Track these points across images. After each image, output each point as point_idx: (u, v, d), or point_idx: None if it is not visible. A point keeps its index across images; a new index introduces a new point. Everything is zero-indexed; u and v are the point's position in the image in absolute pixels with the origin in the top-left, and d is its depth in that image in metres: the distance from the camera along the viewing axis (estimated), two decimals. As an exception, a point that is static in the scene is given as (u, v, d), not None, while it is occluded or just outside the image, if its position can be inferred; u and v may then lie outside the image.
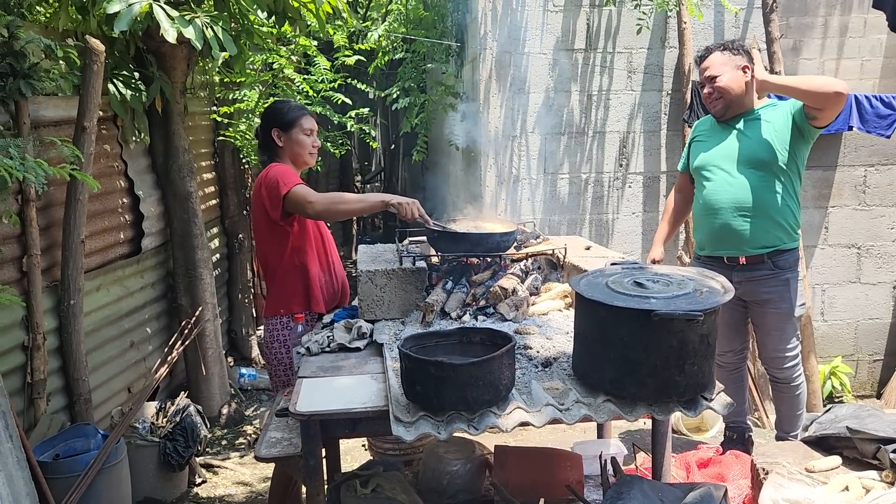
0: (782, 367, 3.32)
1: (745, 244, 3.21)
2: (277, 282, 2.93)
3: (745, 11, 4.90)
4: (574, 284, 2.12)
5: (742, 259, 3.23)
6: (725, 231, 3.23)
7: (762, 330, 3.35)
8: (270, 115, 3.00)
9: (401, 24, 6.29)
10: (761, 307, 3.29)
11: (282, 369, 2.93)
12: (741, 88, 3.20)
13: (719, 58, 3.21)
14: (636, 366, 1.93)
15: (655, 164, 5.04)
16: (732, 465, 3.06)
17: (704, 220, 3.33)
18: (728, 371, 3.51)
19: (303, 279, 2.92)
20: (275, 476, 3.06)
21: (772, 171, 3.16)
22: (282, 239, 2.87)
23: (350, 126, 5.95)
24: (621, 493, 2.01)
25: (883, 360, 5.31)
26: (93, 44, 3.37)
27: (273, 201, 2.78)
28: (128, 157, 4.29)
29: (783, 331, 3.30)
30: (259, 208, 2.87)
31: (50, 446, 3.17)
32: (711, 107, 3.29)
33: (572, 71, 4.91)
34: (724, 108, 3.24)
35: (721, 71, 3.19)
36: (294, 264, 2.90)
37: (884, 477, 2.31)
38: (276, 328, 2.92)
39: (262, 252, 2.99)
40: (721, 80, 3.19)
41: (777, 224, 3.19)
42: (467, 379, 1.88)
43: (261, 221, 2.91)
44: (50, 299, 3.50)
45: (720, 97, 3.22)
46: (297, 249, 2.90)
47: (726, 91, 3.19)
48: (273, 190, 2.77)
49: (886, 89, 4.97)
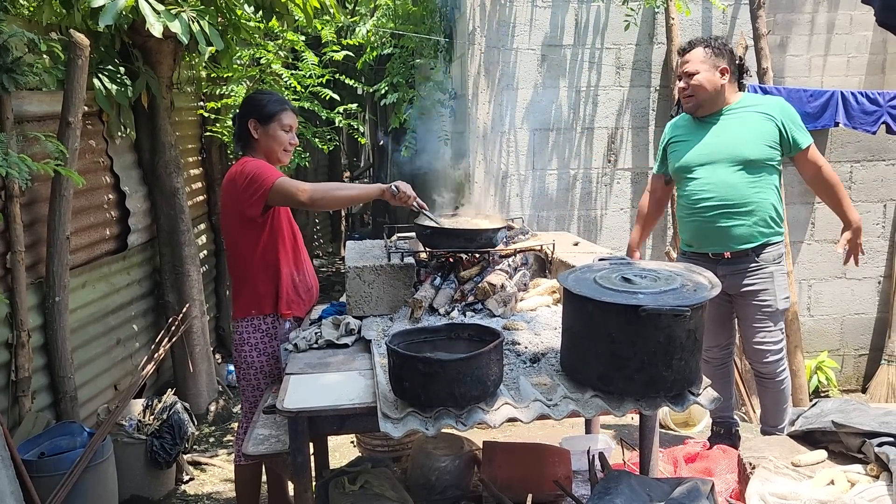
0: (765, 360, 3.32)
1: (729, 241, 3.22)
2: (249, 281, 2.80)
3: (732, 7, 4.92)
4: (562, 280, 2.12)
5: (727, 254, 3.25)
6: (710, 229, 3.24)
7: (746, 323, 3.37)
8: (249, 105, 2.85)
9: (389, 20, 6.26)
10: (745, 300, 3.30)
11: (252, 373, 2.83)
12: (714, 89, 3.20)
13: (700, 55, 3.21)
14: (624, 361, 1.94)
15: (644, 159, 5.06)
16: (719, 460, 3.07)
17: (688, 218, 3.33)
18: (714, 366, 3.52)
19: (274, 280, 2.80)
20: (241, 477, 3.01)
21: (753, 167, 3.17)
22: (255, 237, 2.75)
23: (338, 122, 5.93)
24: (609, 488, 2.01)
25: (868, 354, 5.36)
26: (77, 38, 3.34)
27: (253, 196, 2.64)
28: (114, 152, 4.25)
29: (766, 324, 3.30)
30: (231, 204, 2.73)
31: (35, 444, 3.14)
32: (684, 102, 3.32)
33: (561, 67, 4.91)
34: (695, 106, 3.26)
35: (699, 69, 3.19)
36: (266, 264, 2.78)
37: (868, 470, 2.33)
38: (246, 330, 2.81)
39: (234, 250, 2.83)
40: (696, 78, 3.19)
41: (761, 219, 3.20)
42: (455, 375, 1.88)
43: (232, 218, 2.76)
44: (35, 296, 3.47)
45: (692, 94, 3.23)
46: (269, 248, 2.78)
47: (699, 89, 3.20)
48: (253, 183, 2.63)
49: (872, 86, 5.01)
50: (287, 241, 2.86)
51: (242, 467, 2.96)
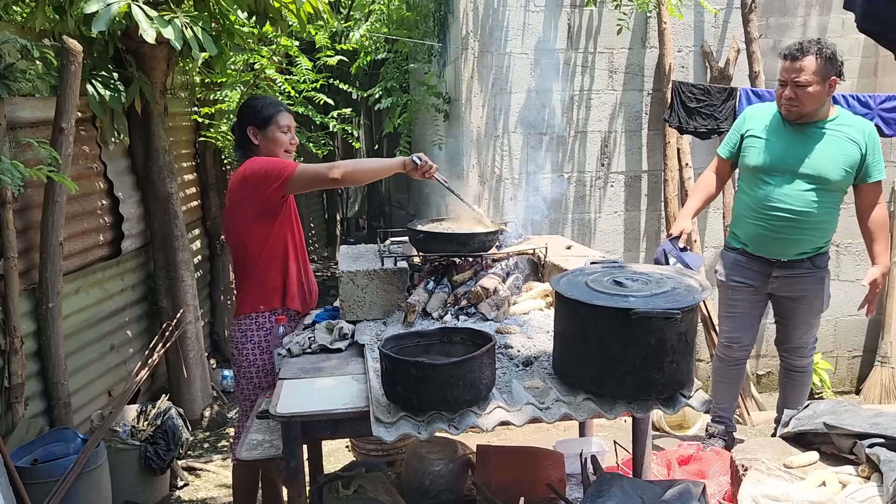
0: (803, 356, 3.49)
1: (790, 248, 3.30)
2: (258, 276, 2.81)
3: (724, 12, 4.94)
4: (554, 283, 2.13)
5: (784, 259, 3.33)
6: (774, 237, 3.30)
7: (790, 323, 3.47)
8: (246, 112, 2.89)
9: (383, 24, 6.27)
10: (794, 302, 3.40)
11: (253, 371, 2.83)
12: (821, 101, 3.18)
13: (814, 65, 3.11)
14: (616, 364, 1.95)
15: (637, 163, 5.07)
16: (713, 462, 3.08)
17: (752, 220, 3.36)
18: (729, 365, 3.58)
19: (283, 273, 2.84)
20: (239, 479, 3.02)
21: (829, 187, 3.22)
22: (266, 231, 2.78)
23: (332, 126, 5.93)
24: (601, 491, 2.02)
25: (862, 356, 5.37)
26: (70, 44, 3.34)
27: (273, 184, 2.66)
28: (107, 158, 4.25)
29: (810, 325, 3.45)
30: (242, 200, 2.75)
31: (28, 451, 3.13)
32: (785, 108, 3.24)
33: (553, 71, 4.93)
34: (798, 115, 3.22)
35: (811, 80, 3.11)
36: (275, 256, 2.81)
37: (860, 472, 2.34)
38: (250, 328, 2.81)
39: (241, 247, 2.84)
40: (808, 91, 3.12)
41: (822, 232, 3.29)
42: (447, 379, 1.88)
43: (243, 215, 2.77)
44: (28, 302, 3.46)
45: (798, 105, 3.18)
46: (278, 242, 2.82)
47: (809, 101, 3.15)
48: (271, 173, 2.67)
49: (864, 88, 5.03)
50: (296, 237, 2.92)
51: (240, 470, 2.97)
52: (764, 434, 4.20)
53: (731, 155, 3.52)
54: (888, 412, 2.57)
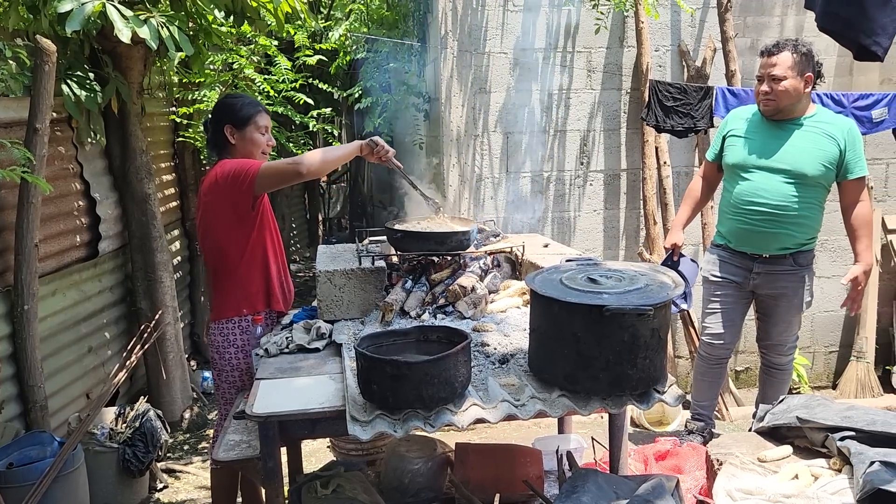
0: (782, 354, 3.52)
1: (771, 244, 3.32)
2: (240, 279, 2.77)
3: (700, 11, 4.99)
4: (529, 281, 2.15)
5: (765, 255, 3.35)
6: (754, 232, 3.33)
7: (770, 320, 3.49)
8: (223, 110, 2.83)
9: (363, 24, 6.26)
10: (775, 300, 3.43)
11: (237, 375, 2.80)
12: (798, 96, 3.22)
13: (789, 60, 3.17)
14: (590, 360, 1.96)
15: (616, 161, 5.11)
16: (689, 457, 3.11)
17: (733, 216, 3.39)
18: (711, 364, 3.60)
19: (265, 276, 2.82)
20: (218, 481, 3.00)
21: (807, 183, 3.24)
22: (244, 234, 2.74)
23: (313, 126, 5.92)
24: (576, 487, 2.03)
25: (838, 351, 5.45)
26: (44, 44, 3.30)
27: (241, 188, 2.63)
28: (83, 158, 4.22)
29: (790, 323, 3.47)
30: (215, 203, 2.71)
31: (3, 455, 3.10)
32: (762, 104, 3.29)
33: (532, 70, 4.95)
34: (775, 111, 3.26)
35: (786, 74, 3.17)
36: (255, 260, 2.78)
37: (831, 464, 2.37)
38: (232, 332, 2.78)
39: (220, 251, 2.79)
40: (783, 84, 3.17)
41: (805, 228, 3.31)
42: (422, 377, 1.89)
43: (218, 219, 2.73)
44: (3, 305, 3.43)
45: (775, 99, 3.22)
46: (258, 245, 2.78)
47: (784, 96, 3.20)
48: (238, 176, 2.63)
49: (840, 87, 5.10)
50: (274, 239, 2.89)
51: (219, 472, 2.95)
52: (742, 430, 4.24)
53: (716, 157, 3.57)
54: (859, 406, 2.60)
